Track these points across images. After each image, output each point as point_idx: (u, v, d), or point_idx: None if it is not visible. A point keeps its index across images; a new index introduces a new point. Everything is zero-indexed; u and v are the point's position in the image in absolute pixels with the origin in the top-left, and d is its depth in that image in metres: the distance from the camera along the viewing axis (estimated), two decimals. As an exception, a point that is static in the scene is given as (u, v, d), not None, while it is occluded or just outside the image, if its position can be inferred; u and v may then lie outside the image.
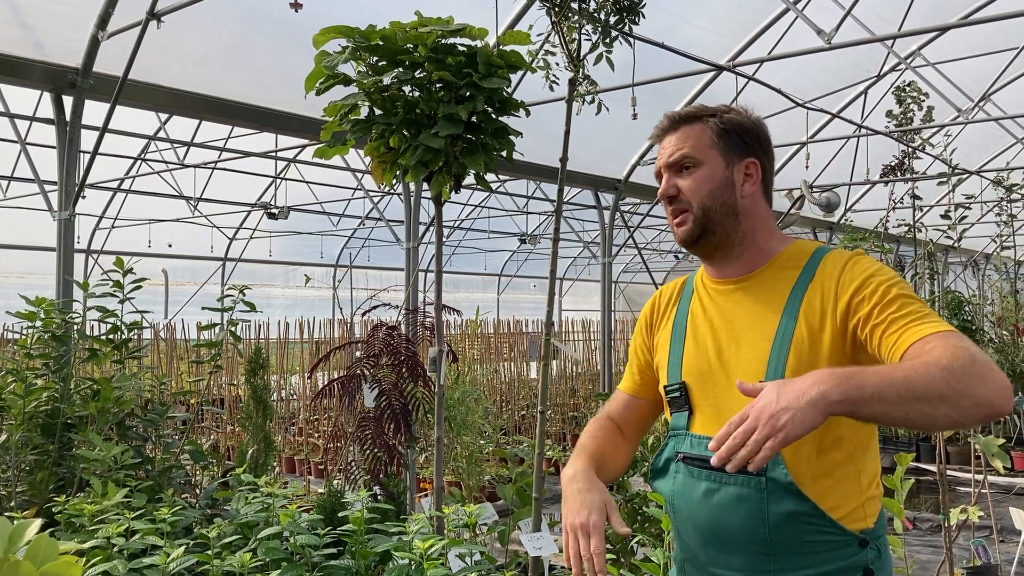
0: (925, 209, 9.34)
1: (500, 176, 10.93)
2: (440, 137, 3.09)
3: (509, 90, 3.27)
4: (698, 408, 1.79)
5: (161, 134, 9.45)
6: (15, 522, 1.08)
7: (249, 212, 13.40)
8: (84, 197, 5.27)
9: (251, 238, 14.71)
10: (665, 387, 1.86)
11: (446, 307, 3.91)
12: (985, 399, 1.36)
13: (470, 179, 3.38)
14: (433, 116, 3.16)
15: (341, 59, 3.15)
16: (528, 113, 3.28)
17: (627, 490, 3.97)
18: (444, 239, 16.13)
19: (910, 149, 9.14)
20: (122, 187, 11.49)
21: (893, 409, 1.36)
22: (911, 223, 9.39)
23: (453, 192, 3.35)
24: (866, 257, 1.72)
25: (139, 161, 10.50)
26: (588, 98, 3.75)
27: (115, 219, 12.67)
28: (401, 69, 3.19)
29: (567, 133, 3.51)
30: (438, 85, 3.17)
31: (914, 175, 9.33)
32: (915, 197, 9.17)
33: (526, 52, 3.34)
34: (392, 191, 9.62)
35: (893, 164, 9.51)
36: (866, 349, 1.61)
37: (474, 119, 3.21)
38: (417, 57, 3.13)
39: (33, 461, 3.99)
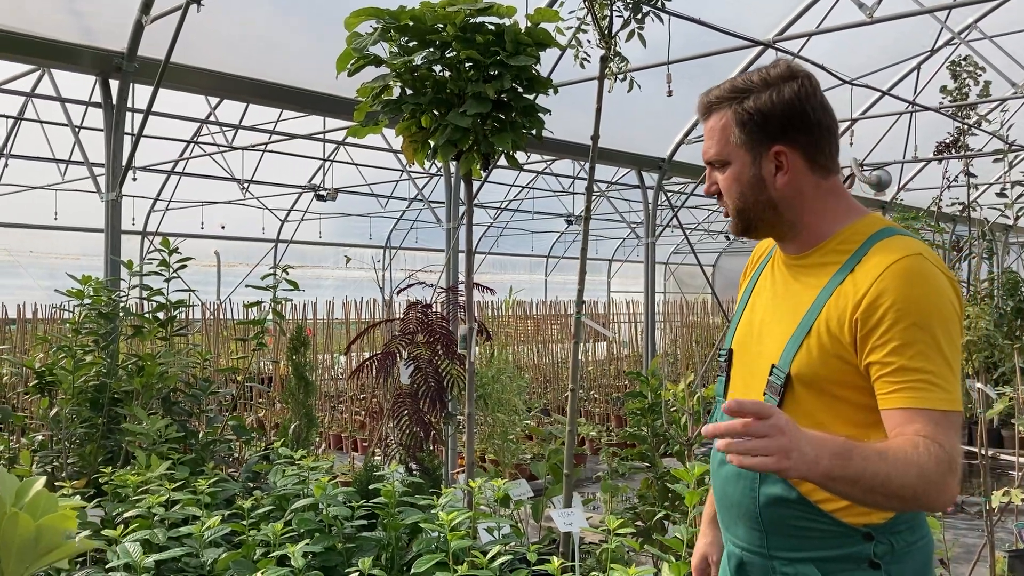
0: (981, 188, 9.07)
1: (545, 156, 10.89)
2: (468, 116, 3.11)
3: (538, 68, 3.28)
4: (734, 377, 1.81)
5: (212, 118, 9.63)
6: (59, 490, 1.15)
7: (300, 194, 13.59)
8: (135, 179, 5.43)
9: (302, 220, 14.92)
10: (720, 350, 1.89)
11: (478, 285, 3.95)
12: (930, 505, 1.46)
13: (503, 159, 3.41)
14: (462, 95, 3.18)
15: (371, 40, 3.18)
16: (556, 91, 3.29)
17: (658, 468, 3.97)
18: (491, 221, 16.03)
19: (965, 126, 8.90)
20: (175, 170, 11.75)
21: (856, 495, 1.42)
22: (966, 202, 9.16)
23: (483, 171, 3.38)
24: (915, 269, 1.54)
25: (192, 144, 10.72)
26: (621, 76, 3.73)
27: (169, 201, 12.97)
28: (431, 49, 3.21)
29: (598, 111, 3.50)
30: (467, 64, 3.19)
31: (969, 152, 9.09)
32: (970, 175, 8.95)
33: (555, 30, 3.33)
34: (437, 172, 9.67)
35: (947, 141, 9.27)
36: (859, 364, 1.56)
37: (503, 98, 3.23)
38: (446, 36, 3.15)
39: (83, 434, 4.14)
